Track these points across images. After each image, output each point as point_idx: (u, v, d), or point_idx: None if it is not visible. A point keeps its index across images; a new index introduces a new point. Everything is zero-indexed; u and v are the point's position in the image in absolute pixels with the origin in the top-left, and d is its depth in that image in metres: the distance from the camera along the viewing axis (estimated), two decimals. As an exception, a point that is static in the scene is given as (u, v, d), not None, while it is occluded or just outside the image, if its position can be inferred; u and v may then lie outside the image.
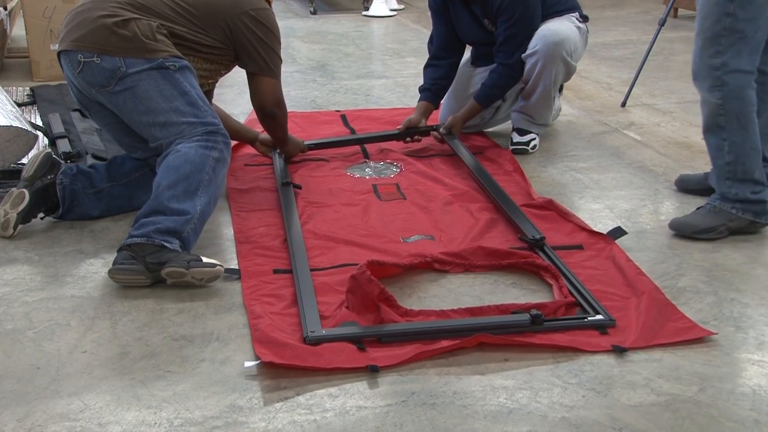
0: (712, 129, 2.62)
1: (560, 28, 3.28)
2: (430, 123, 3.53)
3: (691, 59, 2.62)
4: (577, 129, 3.77)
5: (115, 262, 2.28)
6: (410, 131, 3.43)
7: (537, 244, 2.49)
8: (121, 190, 2.75)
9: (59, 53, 2.62)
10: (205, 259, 2.30)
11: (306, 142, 3.36)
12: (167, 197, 2.36)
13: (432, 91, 3.53)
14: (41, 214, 2.68)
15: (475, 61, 3.61)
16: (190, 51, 2.66)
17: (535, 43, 3.26)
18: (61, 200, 2.65)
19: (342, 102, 4.20)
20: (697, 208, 2.70)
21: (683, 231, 2.63)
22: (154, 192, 2.39)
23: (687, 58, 5.21)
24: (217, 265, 2.29)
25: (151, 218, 2.34)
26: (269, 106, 2.84)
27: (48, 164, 2.65)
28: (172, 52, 2.56)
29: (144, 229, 2.30)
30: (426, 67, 3.58)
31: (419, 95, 3.57)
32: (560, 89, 3.78)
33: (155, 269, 2.25)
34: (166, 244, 2.29)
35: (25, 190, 2.59)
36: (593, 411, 1.77)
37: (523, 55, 3.29)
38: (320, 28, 6.24)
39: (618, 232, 2.57)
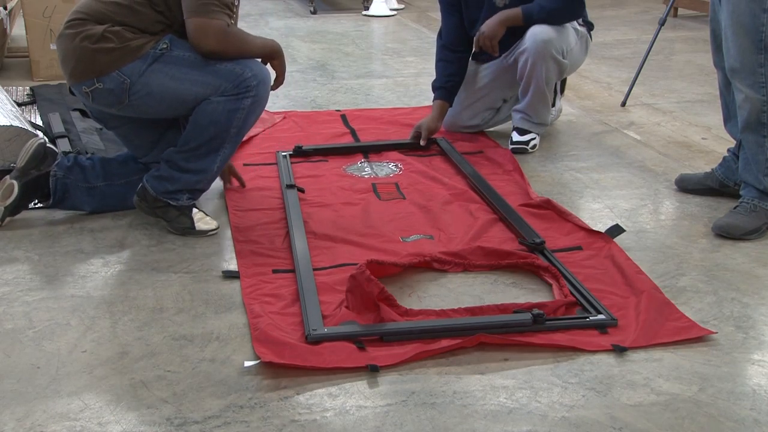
0: (752, 126, 2.63)
1: (551, 27, 3.28)
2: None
3: (728, 54, 2.61)
4: (577, 129, 3.77)
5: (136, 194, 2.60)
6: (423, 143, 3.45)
7: (537, 248, 2.49)
8: (115, 190, 2.74)
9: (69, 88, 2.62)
10: (199, 224, 2.59)
11: (314, 147, 3.35)
12: (185, 158, 2.54)
13: (447, 89, 3.51)
14: (34, 201, 2.69)
15: (477, 56, 3.59)
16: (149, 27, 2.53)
17: (525, 41, 3.28)
18: (52, 191, 2.65)
19: (342, 102, 4.20)
20: (734, 207, 2.69)
21: (733, 233, 2.61)
22: (175, 151, 2.55)
23: (687, 57, 5.24)
24: (210, 231, 2.61)
25: (169, 173, 2.56)
26: (206, 46, 2.48)
27: (41, 155, 2.65)
28: (151, 37, 2.50)
29: (157, 184, 2.55)
30: (438, 62, 3.56)
31: (433, 94, 3.55)
32: (562, 90, 3.78)
33: (159, 216, 2.60)
34: (171, 202, 2.56)
35: (15, 183, 2.60)
36: (593, 410, 1.78)
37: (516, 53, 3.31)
38: (320, 28, 6.24)
39: (616, 230, 2.57)
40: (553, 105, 3.61)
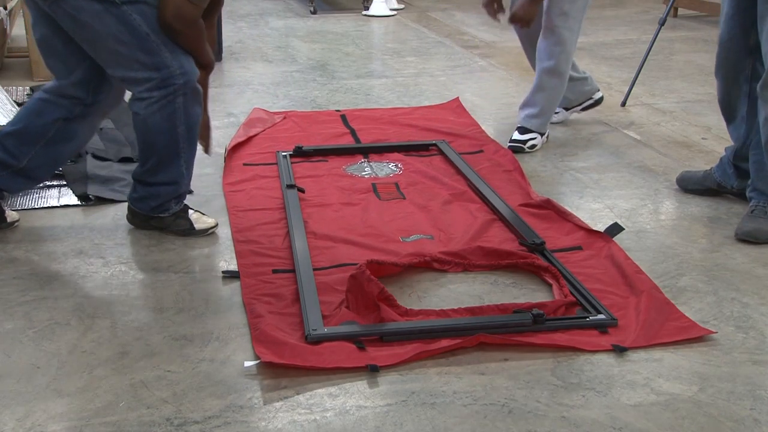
0: None
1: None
2: (434, 126, 3.50)
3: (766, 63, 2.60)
4: (577, 129, 3.77)
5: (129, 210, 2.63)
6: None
7: (537, 249, 2.49)
8: (41, 158, 2.54)
9: None
10: (197, 224, 2.60)
11: (314, 147, 3.34)
12: (152, 174, 2.52)
13: None
14: None
15: None
16: None
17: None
18: None
19: (342, 102, 4.20)
20: (751, 212, 2.67)
21: (759, 237, 2.59)
22: (140, 170, 2.53)
23: (687, 57, 5.23)
24: (210, 229, 2.62)
25: (146, 191, 2.55)
26: (168, 17, 2.32)
27: None
28: None
29: (142, 204, 2.57)
30: None
31: None
32: (586, 108, 3.75)
33: (156, 226, 2.63)
34: (162, 214, 2.58)
35: None
36: (593, 410, 1.78)
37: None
38: (320, 28, 6.24)
39: (615, 228, 2.57)
40: (567, 109, 3.64)
